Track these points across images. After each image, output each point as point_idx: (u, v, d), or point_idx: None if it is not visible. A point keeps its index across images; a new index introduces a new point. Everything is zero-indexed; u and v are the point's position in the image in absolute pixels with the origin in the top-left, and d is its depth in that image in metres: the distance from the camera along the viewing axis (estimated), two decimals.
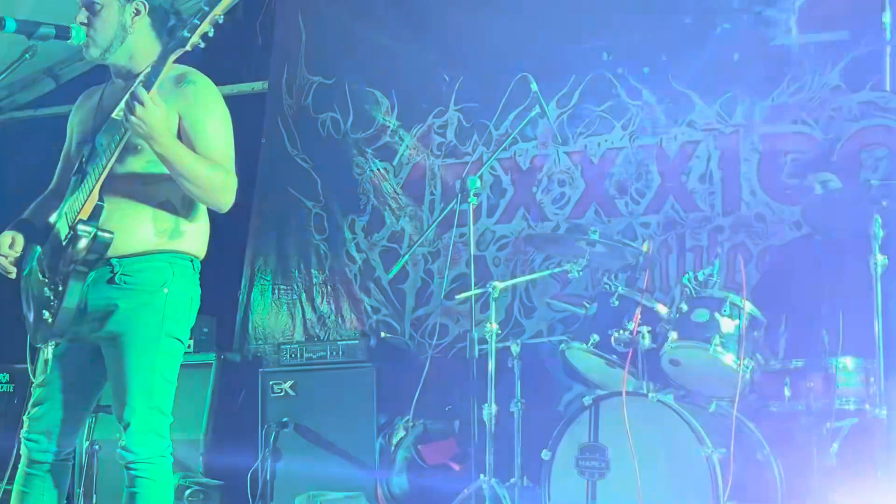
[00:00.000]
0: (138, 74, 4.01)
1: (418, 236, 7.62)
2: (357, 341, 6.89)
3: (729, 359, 4.92)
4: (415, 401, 5.89)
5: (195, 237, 4.16)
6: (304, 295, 8.06)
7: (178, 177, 3.94)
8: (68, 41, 3.96)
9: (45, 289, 4.00)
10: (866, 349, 4.69)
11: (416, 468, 6.52)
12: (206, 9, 3.85)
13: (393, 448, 6.55)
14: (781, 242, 6.51)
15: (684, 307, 5.09)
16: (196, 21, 3.86)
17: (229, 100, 4.47)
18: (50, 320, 3.96)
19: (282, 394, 6.86)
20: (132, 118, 3.76)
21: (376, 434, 6.57)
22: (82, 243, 3.90)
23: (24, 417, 4.17)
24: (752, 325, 5.05)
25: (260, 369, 7.07)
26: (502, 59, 7.44)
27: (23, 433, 4.17)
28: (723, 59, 6.97)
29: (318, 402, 6.79)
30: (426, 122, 7.84)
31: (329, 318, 7.94)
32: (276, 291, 8.15)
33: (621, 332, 5.14)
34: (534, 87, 5.50)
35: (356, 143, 8.04)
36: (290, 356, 6.99)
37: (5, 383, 7.42)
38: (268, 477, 6.13)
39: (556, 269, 6.22)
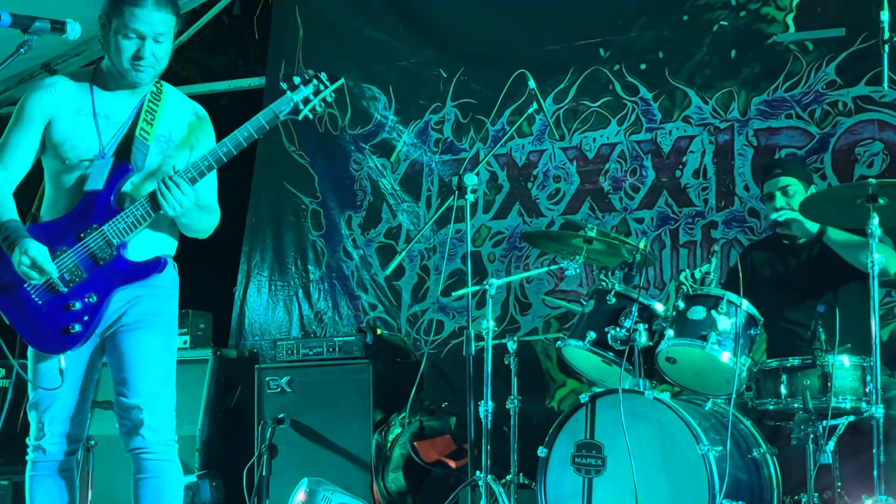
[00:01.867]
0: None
1: (415, 232, 7.63)
2: (353, 338, 6.88)
3: (725, 356, 4.92)
4: (411, 397, 5.89)
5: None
6: (300, 291, 8.07)
7: (181, 223, 4.28)
8: (63, 35, 3.95)
9: (77, 303, 4.13)
10: (862, 347, 4.69)
11: (411, 465, 6.52)
12: (322, 87, 4.27)
13: (389, 445, 6.55)
14: None
15: (681, 305, 5.09)
16: (313, 98, 4.25)
17: (227, 95, 4.57)
18: (80, 329, 4.12)
19: (278, 390, 6.86)
20: (171, 205, 4.05)
21: (372, 430, 6.58)
22: None
23: (38, 419, 4.24)
24: (748, 323, 5.05)
25: (256, 365, 7.07)
26: (499, 56, 7.47)
27: (35, 435, 4.25)
28: (719, 55, 6.99)
29: (314, 398, 6.79)
30: (423, 118, 7.85)
31: (325, 314, 7.95)
32: (273, 287, 8.16)
33: (618, 329, 5.13)
34: (531, 83, 5.48)
35: (354, 140, 8.05)
36: (287, 352, 7.00)
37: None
38: (264, 473, 6.12)
39: (553, 266, 6.22)
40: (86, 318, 4.12)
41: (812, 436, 4.68)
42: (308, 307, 8.04)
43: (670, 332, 5.06)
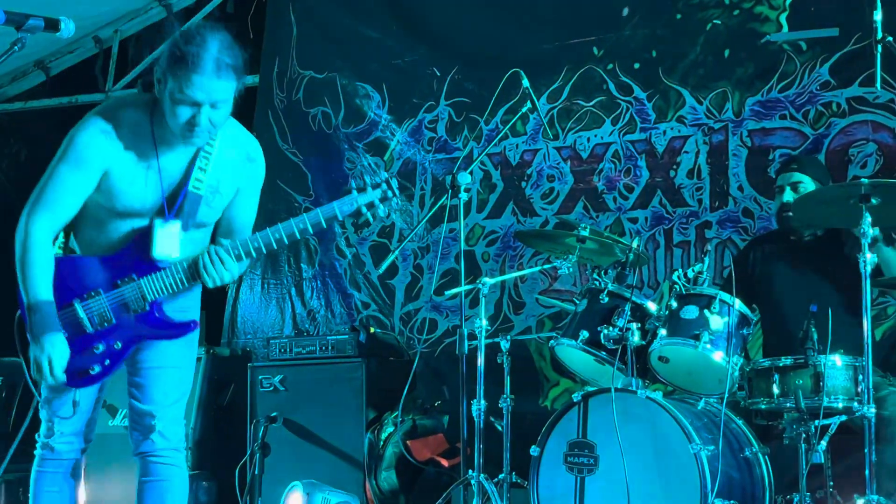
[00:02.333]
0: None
1: (408, 231, 7.63)
2: (346, 336, 6.88)
3: (718, 356, 4.92)
4: (404, 396, 5.89)
5: None
6: (293, 289, 8.07)
7: None
8: (57, 34, 3.93)
9: (101, 345, 4.11)
10: (854, 347, 4.69)
11: (404, 463, 6.52)
12: (391, 194, 4.18)
13: (382, 443, 6.55)
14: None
15: (674, 304, 5.09)
16: (378, 203, 4.15)
17: None
18: (98, 371, 4.11)
19: (271, 388, 6.85)
20: (212, 278, 4.06)
21: (365, 429, 6.57)
22: None
23: (49, 419, 4.23)
24: (741, 323, 5.05)
25: (249, 364, 7.06)
26: (493, 54, 7.48)
27: (45, 433, 4.25)
28: (713, 54, 7.00)
29: (307, 396, 6.78)
30: (417, 116, 7.85)
31: (318, 312, 7.95)
32: (266, 286, 8.16)
33: (611, 328, 5.13)
34: (525, 82, 5.48)
35: (347, 138, 8.05)
36: (280, 351, 6.99)
37: None
38: (256, 471, 6.12)
39: (546, 266, 6.22)
40: (107, 362, 4.11)
41: (804, 435, 4.68)
42: (301, 305, 8.04)
43: (663, 332, 5.06)
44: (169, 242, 4.10)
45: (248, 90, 8.67)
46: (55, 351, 3.93)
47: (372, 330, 7.03)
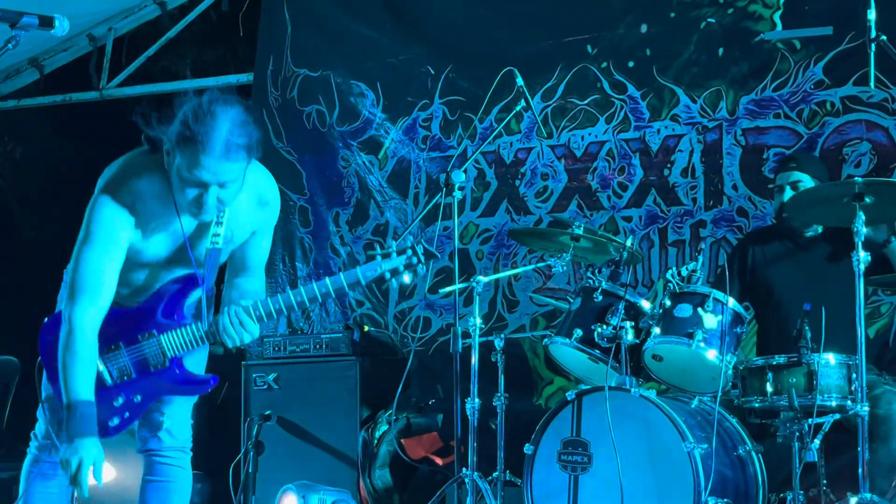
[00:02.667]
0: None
1: (402, 229, 7.63)
2: (340, 335, 6.89)
3: (711, 354, 4.93)
4: (398, 394, 5.89)
5: None
6: (287, 288, 8.05)
7: None
8: (52, 31, 3.92)
9: (121, 398, 4.06)
10: (848, 346, 4.70)
11: (398, 462, 6.52)
12: (415, 261, 4.03)
13: (376, 442, 6.55)
14: None
15: (667, 303, 5.09)
16: (402, 269, 4.03)
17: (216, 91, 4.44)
18: (117, 423, 4.06)
19: (265, 387, 6.86)
20: (232, 339, 4.03)
21: (359, 427, 6.58)
22: None
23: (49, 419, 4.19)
24: (734, 321, 5.05)
25: (243, 362, 7.06)
26: (487, 53, 7.47)
27: (44, 434, 4.21)
28: (707, 53, 7.00)
29: (301, 395, 6.79)
30: (411, 115, 7.85)
31: (312, 311, 7.94)
32: None
33: (604, 327, 5.14)
34: (519, 81, 5.48)
35: (342, 136, 8.05)
36: (274, 349, 6.99)
37: None
38: (250, 469, 6.12)
39: (540, 264, 6.23)
40: (126, 414, 4.07)
41: (797, 433, 4.69)
42: None
43: (657, 330, 5.07)
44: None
45: (243, 88, 8.75)
46: (88, 456, 3.81)
47: (366, 328, 7.03)
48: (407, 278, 4.04)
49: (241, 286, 4.29)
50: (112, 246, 3.90)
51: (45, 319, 4.12)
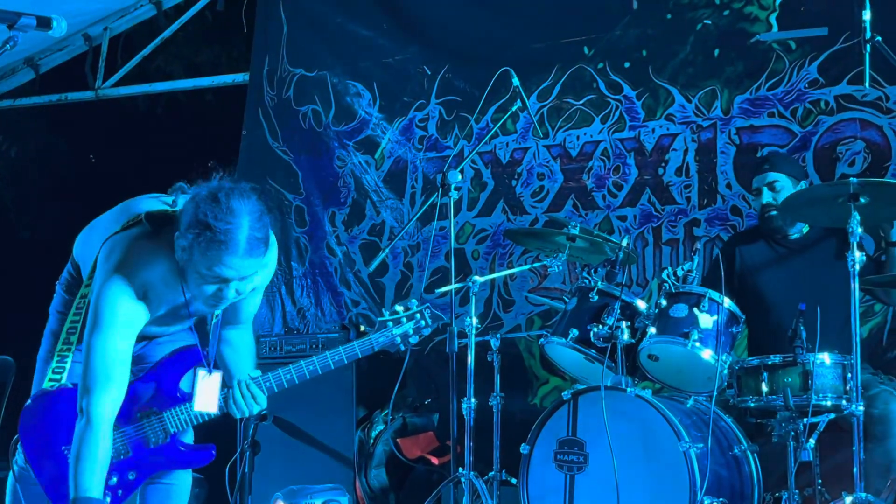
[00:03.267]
0: None
1: (398, 229, 7.64)
2: (336, 335, 6.88)
3: (707, 354, 4.94)
4: (394, 394, 5.89)
5: None
6: (283, 288, 8.07)
7: None
8: (49, 31, 3.91)
9: (115, 478, 3.98)
10: (844, 345, 4.71)
11: (394, 462, 6.53)
12: (423, 324, 4.21)
13: (372, 441, 6.56)
14: None
15: (663, 302, 5.10)
16: (411, 333, 4.22)
17: (211, 91, 4.45)
18: (110, 502, 3.96)
19: (255, 414, 6.85)
20: (241, 411, 4.10)
21: (355, 427, 6.58)
22: None
23: None
24: (730, 321, 5.07)
25: None
26: (484, 53, 7.49)
27: None
28: (703, 53, 7.01)
29: (297, 395, 6.71)
30: (408, 115, 7.86)
31: (308, 310, 7.95)
32: None
33: (600, 326, 5.15)
34: (515, 81, 5.49)
35: (338, 136, 8.05)
36: (270, 349, 6.99)
37: None
38: (246, 470, 6.11)
39: (537, 264, 6.24)
40: (119, 492, 4.00)
41: (793, 433, 4.70)
42: (291, 303, 8.04)
43: (652, 330, 5.08)
44: (209, 395, 4.03)
45: (238, 88, 8.75)
46: None
47: (362, 328, 7.02)
48: (413, 341, 4.20)
49: (233, 341, 4.28)
50: (126, 336, 3.82)
51: (28, 402, 4.00)
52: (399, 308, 4.18)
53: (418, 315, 4.15)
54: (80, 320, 3.94)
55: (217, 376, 4.04)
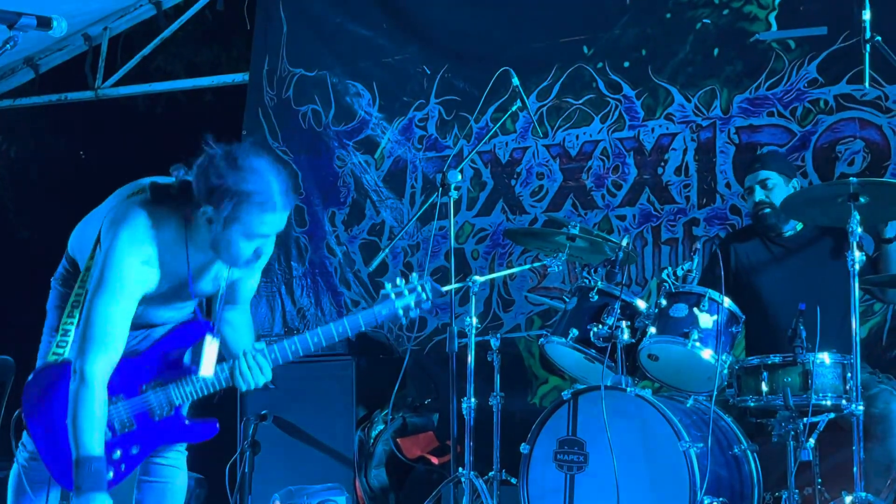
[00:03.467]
0: None
1: (398, 229, 7.64)
2: None
3: (707, 354, 4.94)
4: (394, 394, 5.89)
5: None
6: (283, 287, 8.07)
7: None
8: (49, 32, 3.91)
9: (118, 451, 3.99)
10: (843, 345, 4.71)
11: (394, 461, 6.53)
12: (425, 297, 4.17)
13: (372, 441, 6.56)
14: None
15: (663, 302, 5.10)
16: (413, 306, 4.16)
17: (211, 90, 4.47)
18: (112, 477, 3.96)
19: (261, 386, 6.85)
20: (247, 383, 4.06)
21: (355, 427, 6.58)
22: None
23: None
24: (730, 321, 5.07)
25: None
26: (483, 53, 7.49)
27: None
28: (702, 53, 7.02)
29: (297, 394, 6.78)
30: (407, 114, 7.86)
31: (308, 310, 7.95)
32: None
33: (600, 326, 5.15)
34: (515, 81, 5.50)
35: (337, 136, 8.05)
36: None
37: None
38: (246, 469, 6.12)
39: (537, 264, 6.24)
40: (122, 467, 4.00)
41: (793, 433, 4.70)
42: (291, 303, 8.05)
43: (652, 330, 5.07)
44: (211, 360, 4.06)
45: (238, 87, 8.75)
46: None
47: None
48: (415, 314, 4.15)
49: (232, 320, 4.30)
50: (130, 300, 3.85)
51: (31, 376, 4.02)
52: (400, 281, 4.18)
53: (419, 288, 4.15)
54: (85, 293, 3.94)
55: (217, 342, 4.09)
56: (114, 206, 3.99)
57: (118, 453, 3.97)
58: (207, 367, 4.02)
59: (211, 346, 4.03)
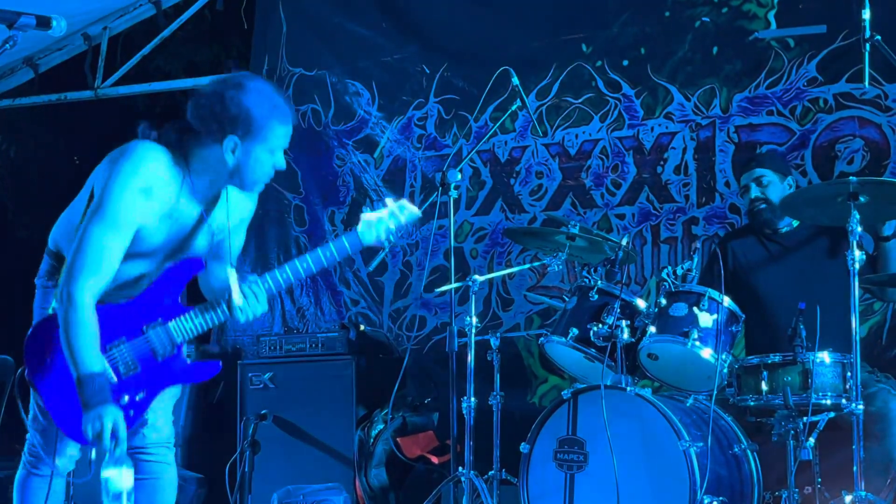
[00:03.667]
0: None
1: None
2: (336, 334, 6.90)
3: (706, 353, 4.94)
4: (394, 393, 5.89)
5: None
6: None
7: None
8: (49, 31, 3.90)
9: (125, 396, 4.00)
10: (843, 344, 4.71)
11: (394, 461, 6.53)
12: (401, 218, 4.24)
13: (372, 440, 6.56)
14: None
15: (663, 301, 5.10)
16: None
17: None
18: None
19: (261, 386, 6.86)
20: (246, 315, 4.07)
21: (355, 426, 6.58)
22: None
23: (54, 439, 4.14)
24: (729, 320, 5.07)
25: (239, 361, 7.06)
26: (482, 52, 7.49)
27: (45, 450, 4.16)
28: (701, 52, 7.01)
29: (297, 394, 6.79)
30: (406, 114, 7.86)
31: (308, 310, 7.95)
32: None
33: (600, 325, 5.15)
34: (515, 80, 5.50)
35: (337, 135, 8.05)
36: (270, 348, 7.00)
37: None
38: (246, 469, 6.12)
39: (537, 263, 6.24)
40: (131, 412, 4.01)
41: (792, 432, 4.70)
42: (290, 303, 8.05)
43: (652, 329, 5.08)
44: (237, 287, 4.09)
45: None
46: (110, 418, 3.77)
47: (362, 327, 7.04)
48: (394, 237, 4.26)
49: (218, 274, 4.29)
50: (126, 229, 3.88)
51: (29, 331, 4.05)
52: (377, 205, 4.37)
53: (395, 208, 4.25)
54: (81, 220, 3.99)
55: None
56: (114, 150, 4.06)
57: (125, 398, 3.98)
58: (237, 294, 4.04)
59: (232, 274, 4.07)
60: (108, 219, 3.85)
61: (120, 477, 3.75)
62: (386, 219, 4.20)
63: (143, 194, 3.89)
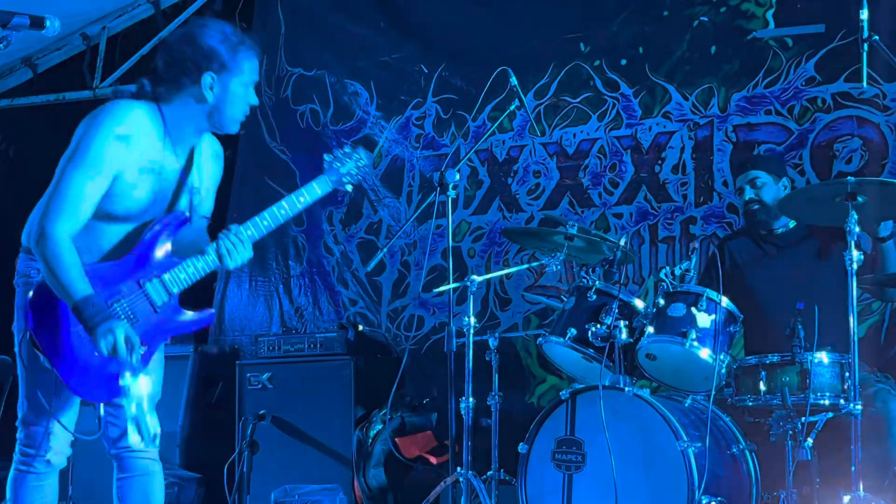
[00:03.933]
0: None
1: (396, 228, 7.63)
2: (335, 334, 6.90)
3: (705, 353, 4.94)
4: (392, 393, 5.89)
5: None
6: (281, 287, 8.07)
7: None
8: (42, 31, 3.89)
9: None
10: (839, 344, 4.71)
11: (393, 461, 6.52)
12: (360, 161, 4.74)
13: (370, 441, 6.56)
14: None
15: (661, 302, 5.10)
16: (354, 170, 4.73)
17: None
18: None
19: (259, 386, 6.86)
20: (234, 262, 4.17)
21: (354, 427, 6.58)
22: None
23: (46, 433, 4.16)
24: (727, 320, 5.06)
25: (237, 361, 7.06)
26: (480, 51, 7.48)
27: (37, 446, 4.17)
28: (700, 51, 7.01)
29: (295, 394, 6.79)
30: (405, 113, 7.85)
31: (306, 310, 7.95)
32: (253, 283, 8.15)
33: (598, 326, 5.14)
34: (513, 80, 5.49)
35: (336, 135, 8.05)
36: (268, 348, 7.00)
37: None
38: (245, 469, 6.12)
39: (535, 263, 6.23)
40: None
41: (791, 432, 4.70)
42: (288, 303, 8.04)
43: (650, 329, 5.07)
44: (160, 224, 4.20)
45: None
46: (120, 330, 3.84)
47: (360, 327, 7.03)
48: (355, 180, 4.72)
49: (190, 232, 4.33)
50: (103, 173, 3.95)
51: (31, 292, 4.07)
52: (338, 152, 4.70)
53: (356, 155, 4.75)
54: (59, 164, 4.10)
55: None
56: None
57: None
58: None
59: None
60: (85, 162, 3.94)
61: (139, 384, 3.86)
62: (347, 163, 4.66)
63: (122, 140, 3.97)
